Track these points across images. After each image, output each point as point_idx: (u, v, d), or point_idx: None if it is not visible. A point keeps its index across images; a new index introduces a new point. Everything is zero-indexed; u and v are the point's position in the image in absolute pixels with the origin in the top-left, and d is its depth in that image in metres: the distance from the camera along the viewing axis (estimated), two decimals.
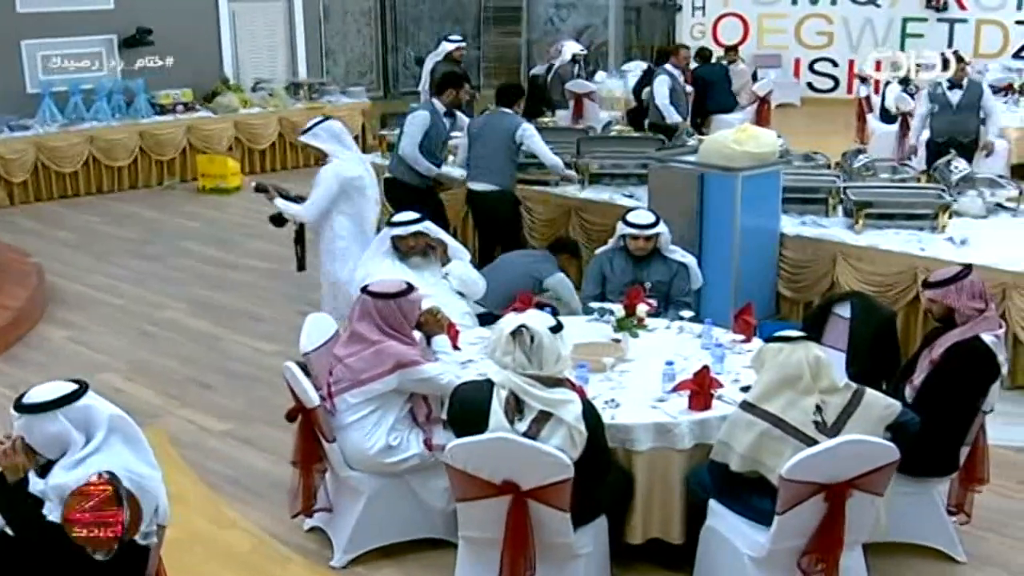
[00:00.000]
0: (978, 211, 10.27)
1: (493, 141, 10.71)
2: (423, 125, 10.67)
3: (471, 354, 6.98)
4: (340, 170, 9.06)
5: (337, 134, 9.25)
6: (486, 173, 10.72)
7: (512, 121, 10.81)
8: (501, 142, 10.71)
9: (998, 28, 22.50)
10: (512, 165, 10.86)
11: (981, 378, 6.27)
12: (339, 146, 9.22)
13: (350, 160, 9.20)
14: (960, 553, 6.42)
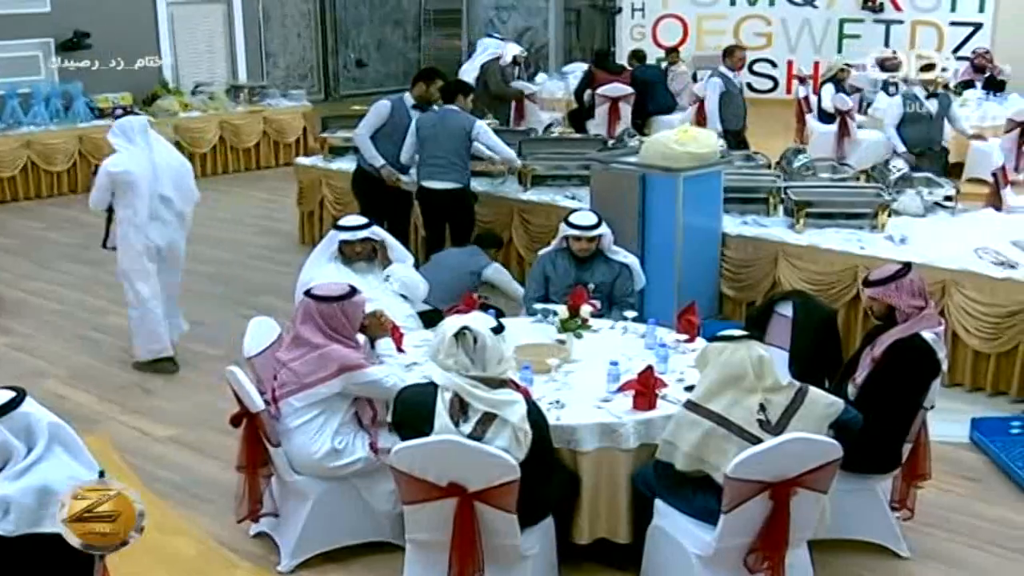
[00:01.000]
0: (916, 210, 10.36)
1: (448, 139, 10.68)
2: (380, 113, 10.86)
3: (415, 356, 6.97)
4: (108, 165, 9.21)
5: (126, 130, 9.26)
6: (445, 172, 10.69)
7: (465, 119, 10.83)
8: (457, 140, 10.70)
9: (933, 29, 22.71)
10: (468, 162, 10.89)
11: (922, 375, 6.33)
12: (123, 141, 9.24)
13: (127, 155, 9.17)
14: (903, 548, 6.48)
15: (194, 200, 9.68)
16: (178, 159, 9.73)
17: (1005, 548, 6.65)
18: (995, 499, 7.24)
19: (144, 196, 9.17)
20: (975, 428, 7.99)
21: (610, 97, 16.47)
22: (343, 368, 6.20)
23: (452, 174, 10.69)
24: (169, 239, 9.42)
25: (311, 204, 13.27)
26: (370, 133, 10.89)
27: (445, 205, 10.79)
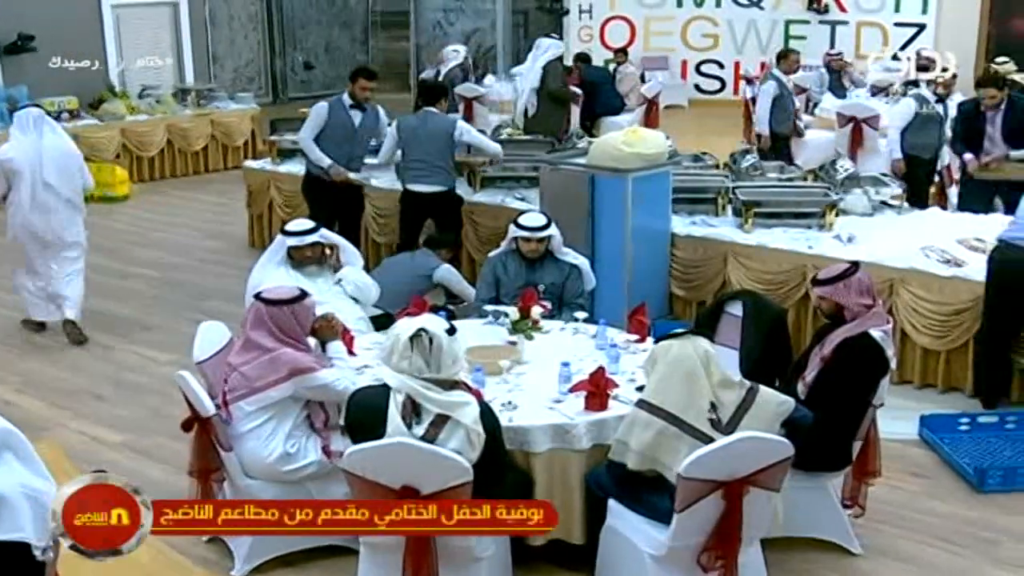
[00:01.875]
0: (864, 209, 10.43)
1: (432, 142, 10.71)
2: (320, 115, 10.85)
3: (366, 359, 6.95)
4: None
5: (21, 121, 9.99)
6: (430, 175, 10.72)
7: (447, 120, 10.90)
8: (441, 142, 10.73)
9: (878, 29, 22.90)
10: (452, 164, 10.92)
11: (871, 373, 6.38)
12: (18, 131, 9.98)
13: (16, 144, 9.93)
14: (855, 545, 6.52)
15: (83, 187, 10.32)
16: (67, 148, 10.23)
17: (955, 543, 6.70)
18: (944, 495, 7.30)
19: (27, 182, 9.88)
20: (924, 425, 8.05)
21: None
22: (294, 372, 6.18)
23: (438, 176, 10.72)
24: (52, 225, 10.07)
25: (260, 207, 13.21)
26: (313, 136, 10.88)
27: (431, 208, 10.79)
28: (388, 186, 11.91)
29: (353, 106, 10.85)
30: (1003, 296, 8.34)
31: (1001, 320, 8.38)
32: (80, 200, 10.30)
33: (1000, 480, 7.32)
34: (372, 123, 11.08)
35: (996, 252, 8.50)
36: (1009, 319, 8.37)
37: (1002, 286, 8.34)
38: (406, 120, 10.96)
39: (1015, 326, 8.40)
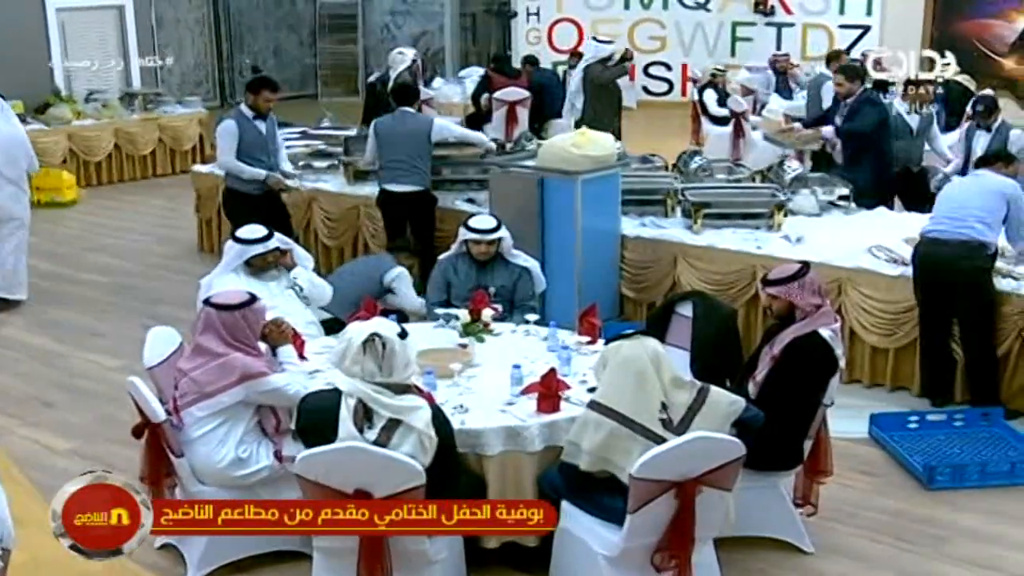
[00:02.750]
0: (812, 209, 10.48)
1: (409, 142, 10.71)
2: (233, 133, 10.60)
3: (317, 363, 6.93)
4: None
5: None
6: (407, 174, 10.70)
7: (422, 120, 10.95)
8: (418, 142, 10.74)
9: (823, 31, 23.03)
10: (429, 164, 10.88)
11: (820, 372, 6.41)
12: None
13: None
14: (807, 544, 6.55)
15: (28, 168, 11.18)
16: (12, 132, 10.95)
17: (905, 540, 6.76)
18: (895, 493, 7.36)
19: None
20: (874, 424, 8.11)
21: (507, 101, 16.47)
22: (245, 376, 6.15)
23: (414, 176, 10.70)
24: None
25: (209, 212, 13.14)
26: (234, 154, 10.62)
27: (407, 208, 10.78)
28: (338, 190, 11.90)
29: (256, 117, 10.67)
30: (928, 289, 8.43)
31: (932, 313, 8.47)
32: (25, 183, 11.17)
33: (949, 477, 7.39)
34: (273, 130, 10.97)
35: (919, 246, 8.59)
36: (939, 312, 8.45)
37: (925, 280, 8.45)
38: (383, 121, 10.98)
39: (946, 318, 8.47)
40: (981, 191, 8.49)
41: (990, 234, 8.30)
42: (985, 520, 7.01)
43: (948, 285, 8.31)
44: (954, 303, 8.38)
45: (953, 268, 8.25)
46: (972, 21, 21.95)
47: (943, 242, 8.36)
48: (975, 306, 8.31)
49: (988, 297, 8.32)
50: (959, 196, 8.62)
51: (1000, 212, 8.36)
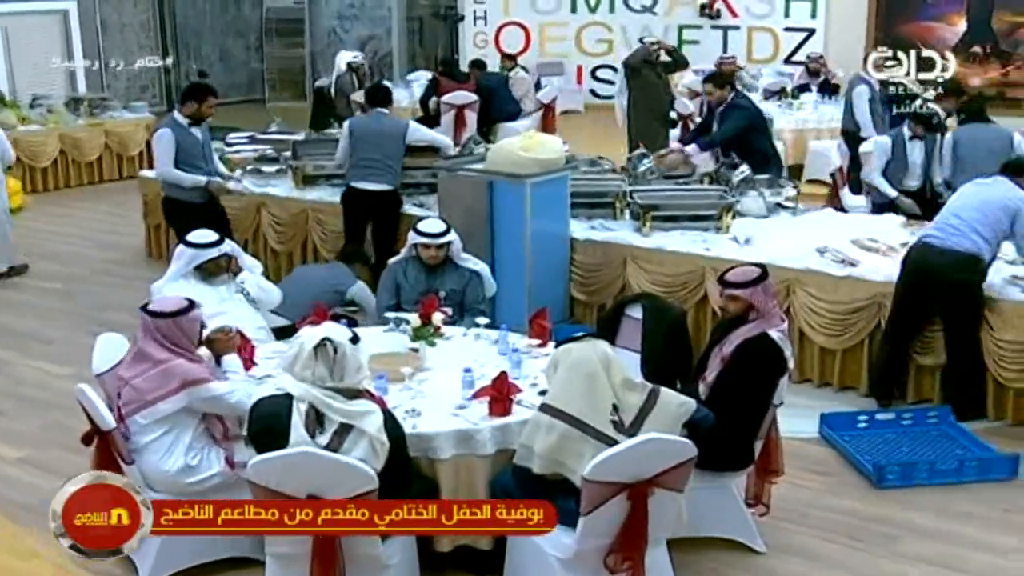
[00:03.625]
0: (759, 211, 10.53)
1: (384, 142, 10.81)
2: (170, 142, 10.52)
3: (268, 369, 6.89)
4: None
5: None
6: (380, 174, 10.77)
7: (399, 121, 11.10)
8: (394, 143, 10.86)
9: (769, 35, 23.14)
10: (401, 165, 10.99)
11: (770, 373, 6.45)
12: None
13: None
14: (760, 544, 6.58)
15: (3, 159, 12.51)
16: None
17: (856, 539, 6.81)
18: (845, 492, 7.41)
19: None
20: (824, 423, 8.16)
21: (455, 105, 16.49)
22: (185, 383, 6.12)
23: (386, 176, 10.79)
24: None
25: (157, 217, 12.99)
26: (171, 164, 10.54)
27: (374, 207, 10.80)
28: (286, 195, 11.85)
29: (191, 124, 10.61)
30: (911, 293, 8.45)
31: (907, 316, 8.51)
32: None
33: (898, 476, 7.45)
34: (207, 137, 10.93)
35: (912, 250, 8.62)
36: (915, 316, 8.50)
37: (911, 283, 8.46)
38: (358, 120, 11.15)
39: (919, 323, 8.52)
40: (986, 201, 8.43)
41: (986, 248, 8.31)
42: (934, 518, 7.07)
43: (934, 293, 8.35)
44: (938, 310, 8.43)
45: (943, 278, 8.27)
46: (915, 24, 22.09)
47: (938, 250, 8.36)
48: (963, 315, 8.36)
49: (976, 307, 8.36)
50: (963, 204, 8.56)
51: (1001, 225, 8.33)
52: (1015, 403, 8.34)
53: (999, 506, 7.22)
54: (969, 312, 8.35)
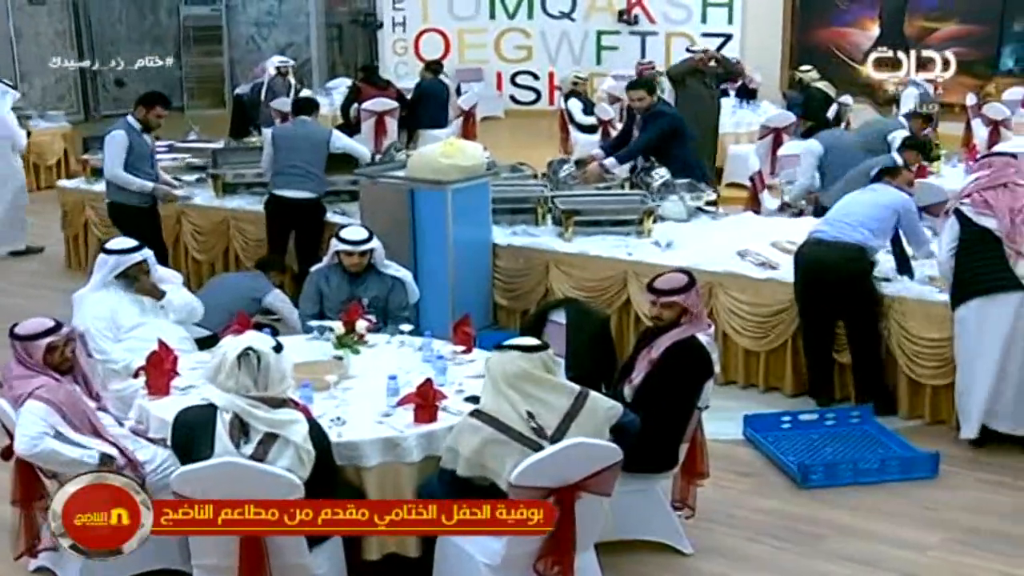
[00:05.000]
0: (680, 215, 10.58)
1: (307, 149, 10.77)
2: (122, 144, 10.54)
3: (192, 379, 6.83)
4: None
5: None
6: (303, 181, 10.72)
7: (322, 129, 11.09)
8: (316, 149, 10.82)
9: (687, 40, 23.26)
10: (324, 173, 10.92)
11: (697, 376, 6.50)
12: None
13: None
14: (686, 545, 6.61)
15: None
16: None
17: (781, 539, 6.86)
18: (770, 492, 7.47)
19: None
20: (748, 425, 8.21)
21: (375, 112, 16.47)
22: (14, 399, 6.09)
23: (309, 183, 10.74)
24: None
25: (76, 227, 12.92)
26: (121, 166, 10.55)
27: (296, 215, 10.76)
28: (207, 203, 11.77)
29: (143, 130, 10.64)
30: (809, 290, 8.57)
31: (813, 313, 8.61)
32: None
33: (822, 475, 7.51)
34: (154, 145, 10.99)
35: (802, 247, 8.74)
36: (819, 312, 8.59)
37: (806, 279, 8.59)
38: (281, 128, 11.22)
39: (827, 319, 8.61)
40: (873, 203, 8.64)
41: (873, 240, 8.46)
42: (858, 517, 7.14)
43: (829, 287, 8.45)
44: (836, 304, 8.53)
45: (833, 270, 8.40)
46: (830, 29, 22.37)
47: (825, 244, 8.50)
48: (858, 308, 8.49)
49: (871, 299, 8.49)
50: (851, 204, 8.76)
51: (887, 223, 8.51)
52: (932, 402, 8.43)
53: (921, 504, 7.30)
54: (863, 304, 8.49)
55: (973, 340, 7.90)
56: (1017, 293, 7.73)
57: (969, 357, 7.94)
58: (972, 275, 7.86)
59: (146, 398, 6.66)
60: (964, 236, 7.92)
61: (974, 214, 7.90)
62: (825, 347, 8.67)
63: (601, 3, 23.71)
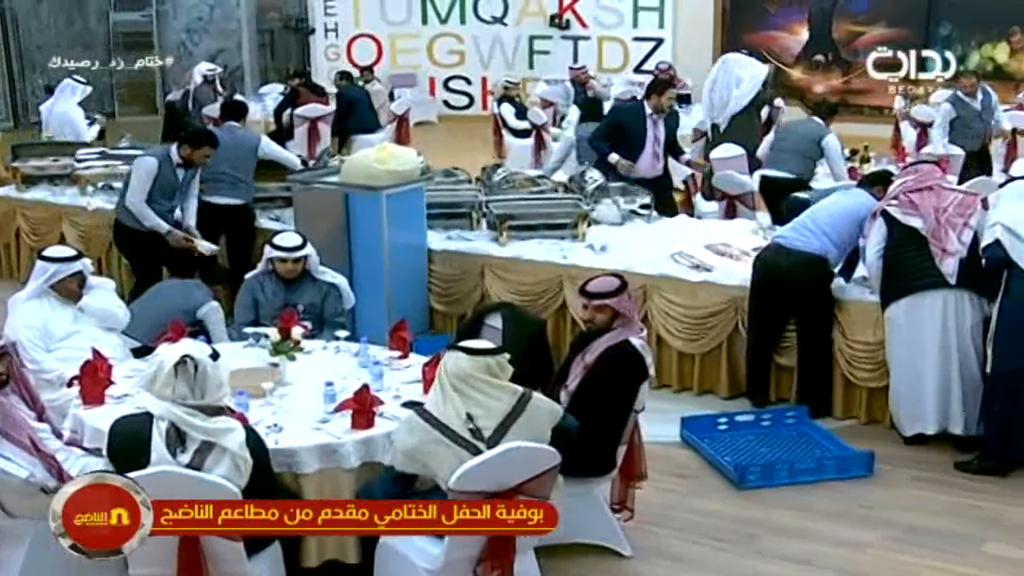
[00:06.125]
0: (614, 218, 10.62)
1: (236, 156, 10.69)
2: (150, 174, 10.03)
3: (127, 388, 6.77)
4: None
5: None
6: (232, 187, 10.68)
7: (251, 135, 10.98)
8: (245, 157, 10.77)
9: (618, 44, 23.39)
10: (252, 179, 10.89)
11: (633, 379, 6.51)
12: None
13: None
14: (626, 548, 6.63)
15: None
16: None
17: (720, 539, 6.90)
18: (708, 493, 7.51)
19: None
20: (685, 427, 8.25)
21: (309, 118, 16.43)
22: None
23: (237, 190, 10.72)
24: None
25: (7, 236, 12.75)
26: (145, 196, 10.01)
27: (226, 221, 10.70)
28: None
29: (181, 165, 10.13)
30: (764, 294, 8.62)
31: (766, 318, 8.68)
32: None
33: (759, 476, 7.56)
34: (190, 183, 10.38)
35: (763, 252, 8.81)
36: (772, 317, 8.66)
37: (763, 284, 8.62)
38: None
39: (779, 324, 8.67)
40: (840, 210, 8.66)
41: (834, 249, 8.52)
42: (795, 516, 7.19)
43: (787, 293, 8.52)
44: (791, 311, 8.60)
45: (792, 278, 8.46)
46: (760, 34, 22.57)
47: (786, 251, 8.55)
48: (814, 315, 8.56)
49: (827, 307, 8.55)
50: (820, 209, 8.81)
51: (851, 231, 8.51)
52: (867, 402, 8.50)
53: (856, 503, 7.37)
54: (819, 312, 8.53)
55: (904, 339, 7.99)
56: (943, 291, 7.85)
57: (901, 356, 8.03)
58: (900, 275, 7.97)
59: (81, 408, 6.57)
60: (891, 237, 8.05)
61: (901, 215, 8.02)
62: (770, 350, 8.73)
63: (533, 8, 23.81)
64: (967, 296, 7.85)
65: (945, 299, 7.85)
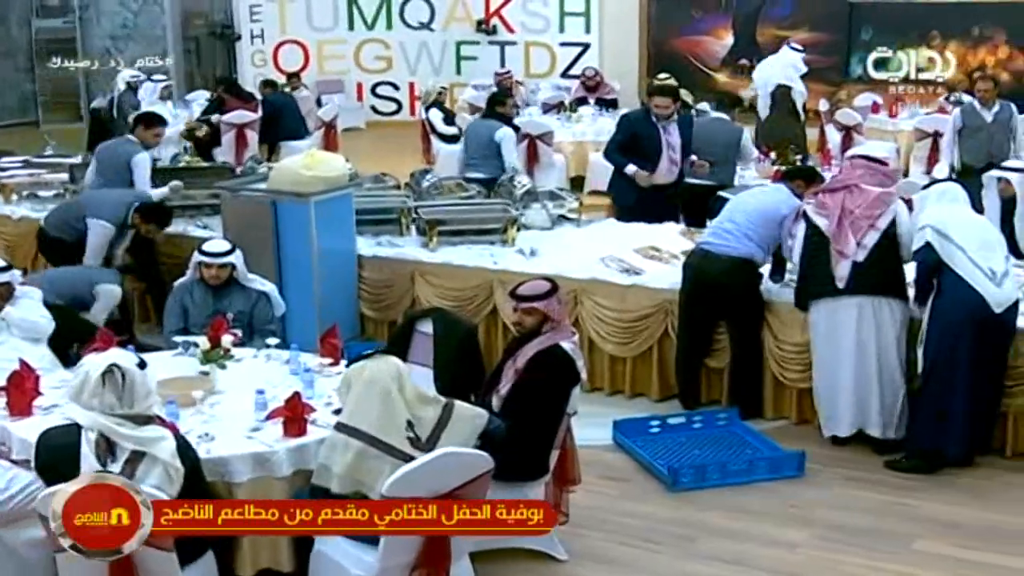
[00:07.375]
0: (544, 223, 10.65)
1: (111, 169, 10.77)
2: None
3: (54, 398, 6.68)
4: None
5: None
6: None
7: (130, 149, 10.84)
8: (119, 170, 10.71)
9: (545, 50, 23.42)
10: None
11: (564, 383, 6.52)
12: None
13: None
14: (561, 552, 6.63)
15: None
16: None
17: (654, 542, 6.93)
18: (641, 496, 7.53)
19: None
20: (617, 430, 8.27)
21: (236, 124, 16.32)
22: None
23: None
24: None
25: None
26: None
27: None
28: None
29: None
30: (694, 300, 8.64)
31: (695, 322, 8.71)
32: None
33: (692, 478, 7.59)
34: None
35: (690, 257, 8.83)
36: (702, 321, 8.69)
37: (693, 291, 8.65)
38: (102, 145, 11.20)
39: (708, 328, 8.71)
40: (759, 208, 8.67)
41: (759, 252, 8.55)
42: (728, 517, 7.23)
43: (717, 298, 8.56)
44: (721, 315, 8.65)
45: (721, 283, 8.49)
46: (685, 39, 22.71)
47: (714, 256, 8.56)
48: (744, 318, 8.61)
49: (757, 309, 8.60)
50: (737, 209, 8.83)
51: (771, 231, 8.51)
52: (798, 403, 8.56)
53: (788, 502, 7.43)
54: (750, 315, 8.59)
55: (823, 341, 8.05)
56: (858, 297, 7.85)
57: (822, 357, 8.10)
58: (816, 276, 8.01)
59: (7, 419, 6.51)
60: (808, 238, 8.07)
61: (814, 214, 8.06)
62: (701, 353, 8.77)
63: (460, 13, 23.76)
64: (885, 301, 7.87)
65: (860, 304, 7.85)
